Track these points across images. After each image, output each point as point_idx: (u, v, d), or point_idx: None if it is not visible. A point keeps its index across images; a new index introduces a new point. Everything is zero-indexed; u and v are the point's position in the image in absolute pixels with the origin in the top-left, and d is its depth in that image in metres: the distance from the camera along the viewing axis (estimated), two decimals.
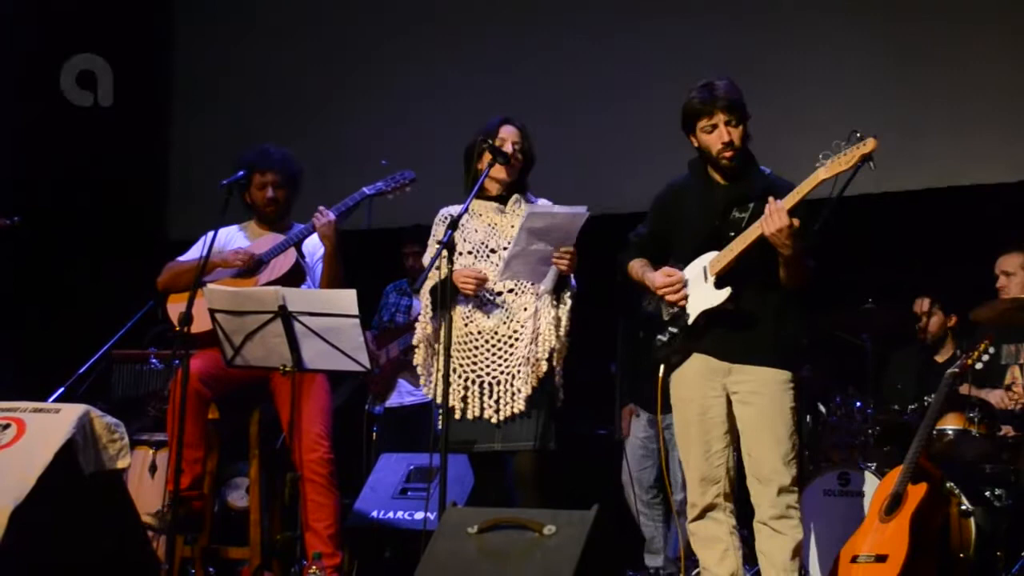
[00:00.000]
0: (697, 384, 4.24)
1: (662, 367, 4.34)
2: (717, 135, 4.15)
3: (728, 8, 7.05)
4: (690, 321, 4.19)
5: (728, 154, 4.15)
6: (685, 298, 4.19)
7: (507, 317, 4.45)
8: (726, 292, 4.11)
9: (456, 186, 4.60)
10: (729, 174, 4.22)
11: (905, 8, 6.63)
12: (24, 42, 7.52)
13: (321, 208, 5.00)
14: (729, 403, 4.22)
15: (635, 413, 6.13)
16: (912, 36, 6.58)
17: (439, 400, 4.39)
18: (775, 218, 3.97)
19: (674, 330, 4.22)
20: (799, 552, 4.14)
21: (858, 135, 5.02)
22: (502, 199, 4.58)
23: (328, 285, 4.96)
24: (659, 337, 4.27)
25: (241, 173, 5.08)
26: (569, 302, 4.47)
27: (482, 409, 4.40)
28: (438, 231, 4.57)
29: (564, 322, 4.46)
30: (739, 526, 4.31)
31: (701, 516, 4.24)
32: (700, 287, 4.17)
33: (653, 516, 6.13)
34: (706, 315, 4.17)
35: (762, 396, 4.14)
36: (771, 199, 4.00)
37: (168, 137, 8.62)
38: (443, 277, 4.33)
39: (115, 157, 7.82)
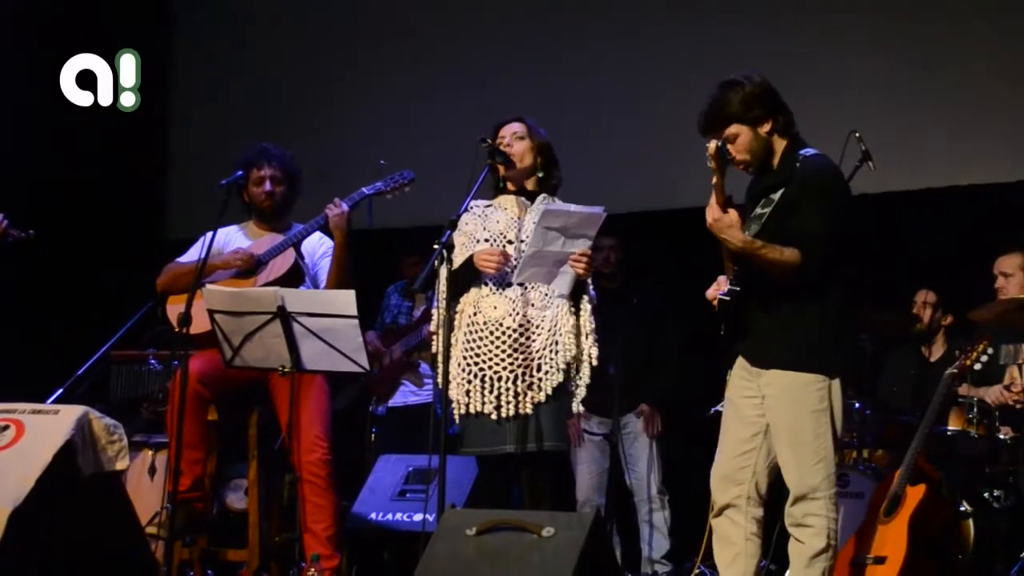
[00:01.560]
0: (737, 384, 4.19)
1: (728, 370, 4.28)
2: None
3: (728, 9, 7.04)
4: (722, 328, 4.13)
5: (740, 168, 4.09)
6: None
7: (513, 310, 4.42)
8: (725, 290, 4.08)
9: (457, 187, 4.59)
10: (765, 167, 4.13)
11: (904, 8, 6.62)
12: (24, 42, 7.52)
13: (336, 199, 5.01)
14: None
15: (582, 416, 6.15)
16: (911, 36, 6.58)
17: (447, 394, 4.38)
18: (708, 214, 3.92)
19: (721, 332, 4.17)
20: (822, 560, 3.99)
21: (856, 135, 5.06)
22: (530, 195, 4.57)
23: (336, 275, 4.97)
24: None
25: (240, 173, 5.09)
26: (588, 307, 4.45)
27: (482, 404, 4.38)
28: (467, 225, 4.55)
29: (586, 329, 4.44)
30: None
31: (719, 514, 4.16)
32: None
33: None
34: (728, 314, 4.07)
35: (781, 400, 4.05)
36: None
37: (167, 137, 8.61)
38: (443, 277, 4.31)
39: (114, 157, 7.81)
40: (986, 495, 5.22)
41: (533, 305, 4.42)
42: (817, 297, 4.02)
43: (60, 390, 5.52)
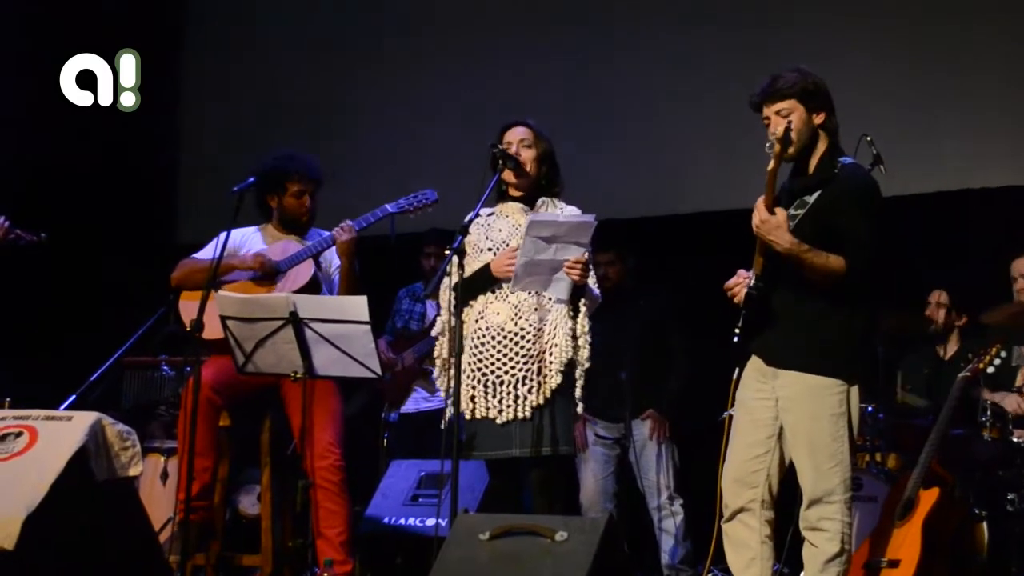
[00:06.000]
0: (750, 385, 4.15)
1: (737, 368, 4.23)
2: (768, 130, 4.03)
3: (737, 14, 7.03)
4: (740, 322, 4.08)
5: (776, 149, 3.91)
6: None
7: (515, 314, 4.43)
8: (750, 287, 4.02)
9: (467, 191, 4.59)
10: (801, 168, 4.09)
11: (915, 11, 6.62)
12: (24, 42, 7.53)
13: (346, 223, 4.98)
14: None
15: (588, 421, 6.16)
16: (923, 40, 6.57)
17: (459, 400, 4.38)
18: (754, 215, 3.88)
19: (736, 329, 4.11)
20: (836, 564, 3.98)
21: (868, 139, 5.05)
22: (529, 200, 4.57)
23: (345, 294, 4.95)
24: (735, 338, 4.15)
25: (252, 179, 5.05)
26: (584, 310, 4.44)
27: (487, 409, 4.39)
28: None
29: (581, 332, 4.43)
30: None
31: (732, 518, 4.13)
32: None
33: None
34: (750, 313, 4.03)
35: (799, 403, 4.02)
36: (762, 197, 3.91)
37: (177, 139, 8.62)
38: (454, 282, 4.32)
39: (123, 159, 7.81)
40: (1000, 498, 5.20)
41: (535, 310, 4.43)
42: (846, 301, 3.98)
43: (73, 396, 5.54)
